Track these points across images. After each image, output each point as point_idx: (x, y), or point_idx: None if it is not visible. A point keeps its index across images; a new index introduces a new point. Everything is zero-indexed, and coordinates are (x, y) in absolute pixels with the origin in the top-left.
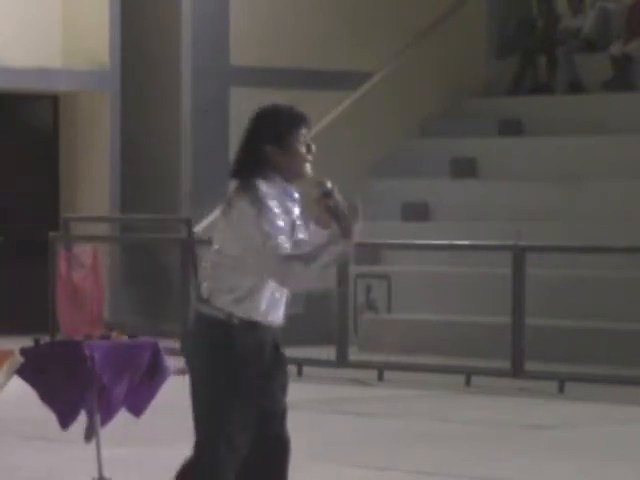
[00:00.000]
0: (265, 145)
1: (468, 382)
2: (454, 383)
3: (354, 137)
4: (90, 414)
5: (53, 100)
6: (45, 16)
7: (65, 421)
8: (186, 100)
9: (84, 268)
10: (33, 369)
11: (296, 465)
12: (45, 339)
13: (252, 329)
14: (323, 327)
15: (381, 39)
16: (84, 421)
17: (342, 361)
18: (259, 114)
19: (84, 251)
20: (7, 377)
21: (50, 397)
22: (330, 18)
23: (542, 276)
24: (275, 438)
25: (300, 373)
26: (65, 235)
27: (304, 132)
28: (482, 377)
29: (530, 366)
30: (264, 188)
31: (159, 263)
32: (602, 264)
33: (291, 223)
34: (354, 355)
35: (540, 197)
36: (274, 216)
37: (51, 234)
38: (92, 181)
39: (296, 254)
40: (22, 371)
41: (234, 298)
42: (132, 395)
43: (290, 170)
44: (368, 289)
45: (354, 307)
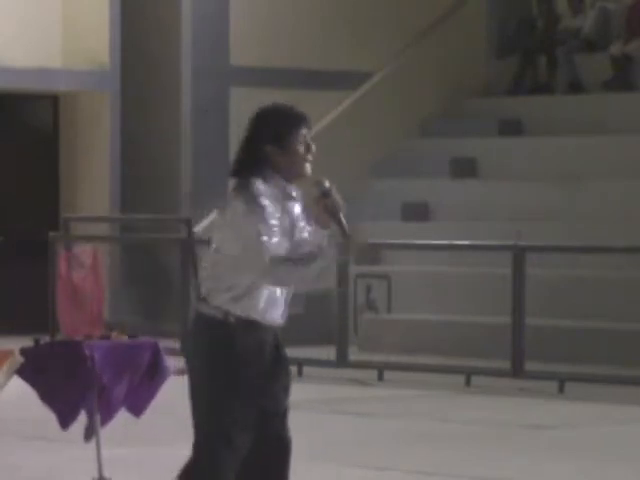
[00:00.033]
0: (265, 145)
1: (468, 382)
2: (454, 383)
3: (354, 137)
4: (90, 414)
5: (53, 100)
6: (45, 16)
7: (65, 421)
8: (186, 100)
9: (84, 268)
10: (33, 369)
11: (296, 465)
12: (45, 339)
13: (251, 328)
14: (323, 327)
15: (381, 39)
16: (84, 421)
17: (342, 361)
18: (259, 114)
19: (84, 251)
20: (7, 377)
21: (50, 397)
22: (330, 18)
23: (542, 276)
24: (276, 438)
25: (300, 373)
26: (65, 235)
27: (304, 132)
28: (482, 377)
29: (530, 366)
30: (261, 187)
31: (159, 263)
32: (602, 264)
33: (291, 223)
34: (354, 355)
35: (540, 197)
36: (268, 215)
37: (51, 234)
38: (92, 181)
39: (288, 257)
40: (22, 371)
41: (232, 296)
42: (132, 395)
43: (290, 170)
44: (368, 289)
45: (354, 307)
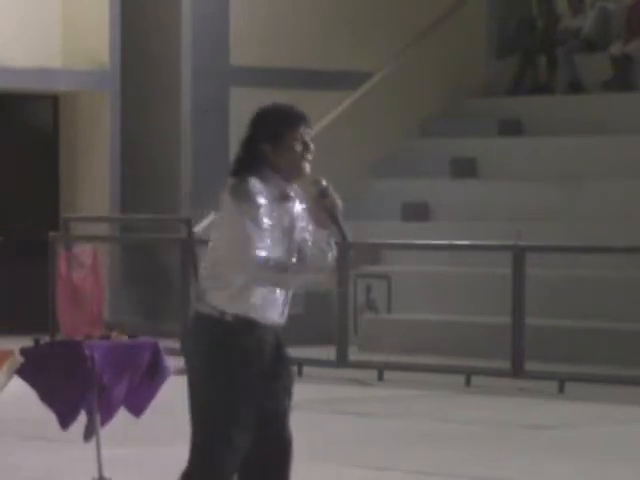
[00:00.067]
0: (263, 144)
1: (468, 382)
2: (454, 383)
3: (354, 137)
4: (90, 414)
5: (53, 100)
6: (45, 16)
7: (65, 421)
8: (186, 100)
9: (84, 268)
10: (33, 369)
11: (296, 465)
12: (45, 339)
13: (249, 327)
14: (323, 327)
15: (381, 39)
16: (84, 421)
17: (342, 361)
18: (258, 113)
19: (84, 251)
20: (7, 377)
21: (50, 397)
22: (330, 18)
23: (542, 276)
24: (276, 438)
25: (300, 373)
26: (65, 235)
27: (302, 131)
28: (482, 377)
29: (530, 366)
30: (257, 185)
31: (159, 263)
32: (602, 264)
33: (290, 223)
34: (354, 355)
35: (540, 197)
36: (260, 215)
37: (51, 234)
38: (92, 181)
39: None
40: (22, 371)
41: (228, 295)
42: (132, 395)
43: (288, 169)
44: (368, 289)
45: (354, 307)
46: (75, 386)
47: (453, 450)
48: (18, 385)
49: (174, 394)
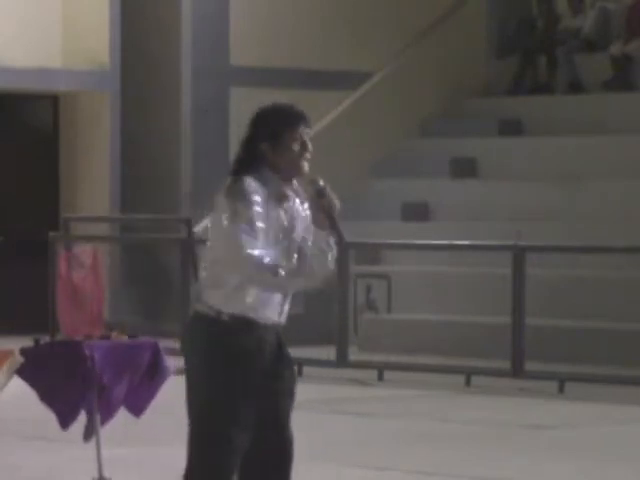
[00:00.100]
0: (262, 144)
1: (468, 382)
2: (454, 383)
3: (354, 137)
4: (90, 414)
5: (53, 100)
6: (45, 16)
7: (65, 421)
8: (186, 100)
9: (84, 268)
10: (33, 369)
11: (296, 465)
12: (45, 339)
13: (247, 326)
14: (323, 327)
15: (381, 39)
16: (84, 421)
17: (342, 361)
18: (258, 113)
19: (84, 251)
20: (7, 377)
21: (50, 397)
22: (330, 18)
23: (542, 276)
24: (277, 439)
25: (300, 373)
26: (65, 235)
27: (301, 130)
28: (482, 377)
29: (530, 366)
30: (252, 184)
31: (159, 263)
32: (602, 264)
33: (290, 222)
34: (354, 355)
35: (540, 197)
36: (254, 215)
37: (51, 234)
38: (92, 181)
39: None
40: (22, 371)
41: (224, 294)
42: (132, 395)
43: (287, 169)
44: (368, 289)
45: (354, 307)
46: (75, 386)
47: (453, 450)
48: (18, 385)
49: (174, 394)
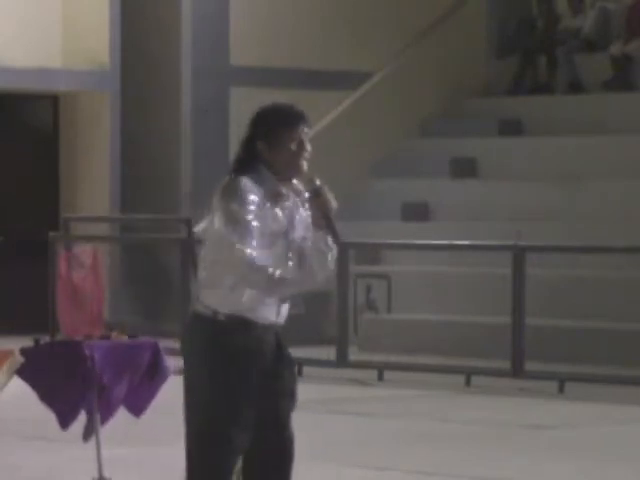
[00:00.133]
0: (260, 143)
1: (468, 382)
2: (454, 383)
3: (354, 137)
4: (90, 414)
5: (53, 100)
6: (45, 16)
7: (65, 421)
8: (186, 100)
9: (84, 268)
10: (33, 369)
11: (296, 465)
12: (45, 339)
13: (244, 327)
14: (323, 327)
15: (381, 39)
16: (84, 421)
17: (342, 361)
18: (258, 113)
19: (84, 251)
20: (7, 377)
21: (50, 397)
22: (330, 18)
23: (542, 276)
24: (277, 439)
25: (300, 373)
26: (65, 235)
27: (298, 130)
28: (482, 377)
29: (530, 366)
30: (248, 184)
31: (159, 263)
32: (602, 264)
33: (289, 222)
34: (354, 355)
35: (540, 197)
36: (249, 214)
37: (51, 234)
38: (92, 181)
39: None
40: (22, 371)
41: (220, 294)
42: (132, 395)
43: (284, 168)
44: (368, 289)
45: (354, 307)
46: (75, 386)
47: (453, 450)
48: (18, 385)
49: (174, 394)
